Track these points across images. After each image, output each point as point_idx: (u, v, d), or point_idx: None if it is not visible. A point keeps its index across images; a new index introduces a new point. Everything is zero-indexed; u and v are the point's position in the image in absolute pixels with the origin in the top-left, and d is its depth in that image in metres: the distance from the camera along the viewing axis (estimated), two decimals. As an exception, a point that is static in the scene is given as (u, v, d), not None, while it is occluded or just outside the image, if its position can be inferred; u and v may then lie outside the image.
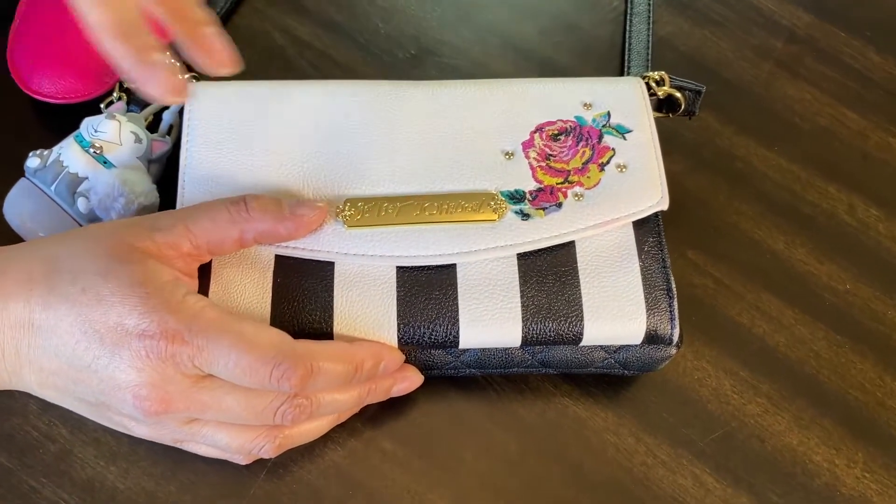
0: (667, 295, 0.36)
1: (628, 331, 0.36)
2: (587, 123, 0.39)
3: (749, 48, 0.50)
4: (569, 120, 0.39)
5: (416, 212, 0.36)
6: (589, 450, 0.38)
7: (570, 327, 0.35)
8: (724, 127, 0.47)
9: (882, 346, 0.42)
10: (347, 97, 0.39)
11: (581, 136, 0.39)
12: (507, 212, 0.36)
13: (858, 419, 0.40)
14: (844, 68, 0.50)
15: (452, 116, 0.39)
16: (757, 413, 0.40)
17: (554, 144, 0.38)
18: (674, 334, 0.36)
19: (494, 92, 0.40)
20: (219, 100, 0.38)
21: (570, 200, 0.37)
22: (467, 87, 0.40)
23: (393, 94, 0.39)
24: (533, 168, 0.38)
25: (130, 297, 0.30)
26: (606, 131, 0.39)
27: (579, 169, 0.38)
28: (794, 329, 0.42)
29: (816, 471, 0.39)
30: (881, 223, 0.45)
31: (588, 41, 0.49)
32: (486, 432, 0.38)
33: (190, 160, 0.37)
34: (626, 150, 0.38)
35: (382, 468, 0.37)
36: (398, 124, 0.38)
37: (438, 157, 0.38)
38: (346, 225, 0.36)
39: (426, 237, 0.36)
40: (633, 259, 0.37)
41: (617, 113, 0.39)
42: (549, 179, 0.37)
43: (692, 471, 0.38)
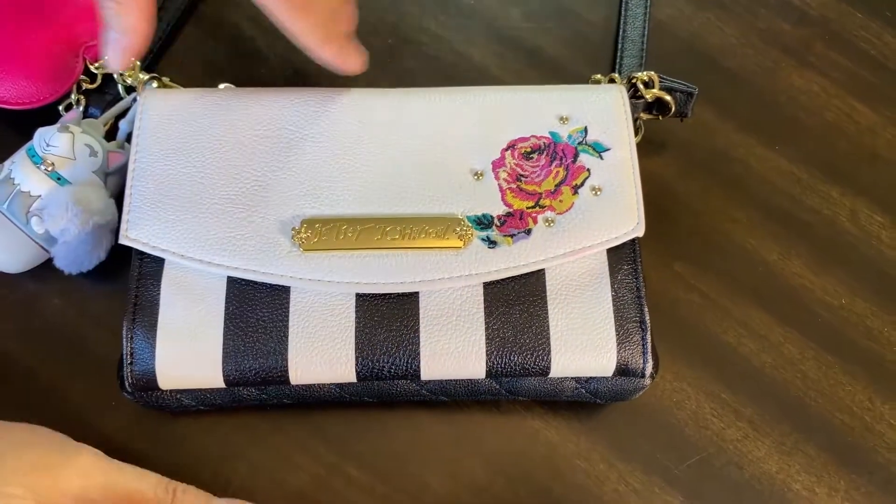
0: (640, 327, 0.34)
1: (598, 364, 0.34)
2: (562, 140, 0.37)
3: (755, 33, 0.46)
4: (543, 136, 0.37)
5: (378, 236, 0.34)
6: (558, 476, 0.37)
7: (536, 361, 0.34)
8: (722, 123, 0.44)
9: (875, 366, 0.40)
10: (306, 107, 0.37)
11: (555, 155, 0.36)
12: (474, 238, 0.34)
13: (843, 444, 0.39)
14: (858, 55, 0.46)
15: (420, 131, 0.37)
16: (737, 438, 0.38)
17: (526, 164, 0.36)
18: (646, 368, 0.35)
19: (466, 103, 0.37)
20: (171, 108, 0.37)
21: (540, 227, 0.35)
22: (437, 98, 0.37)
23: (356, 105, 0.37)
24: (503, 190, 0.35)
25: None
26: (582, 149, 0.37)
27: (551, 192, 0.36)
28: (782, 348, 0.40)
29: (794, 499, 0.38)
30: (884, 231, 0.43)
31: (579, 27, 0.46)
32: (453, 457, 0.37)
33: (138, 172, 0.35)
34: (602, 172, 0.36)
35: (346, 494, 0.37)
36: (361, 139, 0.36)
37: (403, 175, 0.36)
38: (302, 248, 0.34)
39: (387, 263, 0.34)
40: (605, 288, 0.35)
41: (595, 128, 0.37)
42: (519, 203, 0.35)
43: (664, 499, 0.37)
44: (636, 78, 0.39)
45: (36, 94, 0.39)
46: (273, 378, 0.34)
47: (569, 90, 0.38)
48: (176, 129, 0.36)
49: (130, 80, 0.40)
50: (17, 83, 0.39)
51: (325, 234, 0.34)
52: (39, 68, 0.39)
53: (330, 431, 0.37)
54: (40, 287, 0.39)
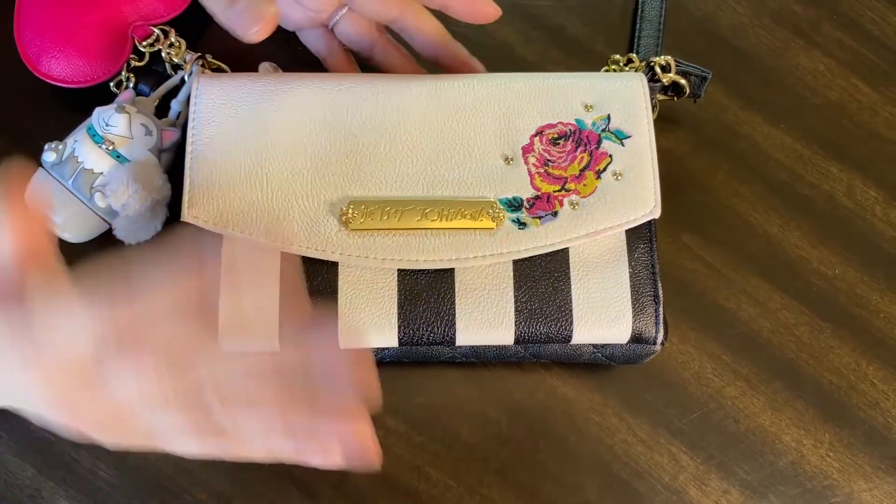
0: (653, 301, 0.38)
1: (615, 333, 0.38)
2: (587, 127, 0.40)
3: (767, 13, 0.49)
4: (569, 123, 0.40)
5: (418, 217, 0.38)
6: (574, 427, 0.42)
7: (560, 330, 0.38)
8: (730, 101, 0.47)
9: (862, 331, 0.44)
10: (351, 94, 0.39)
11: (580, 141, 0.39)
12: (505, 220, 0.38)
13: (830, 401, 0.43)
14: (863, 35, 0.49)
15: (455, 116, 0.39)
16: (734, 395, 0.43)
17: (553, 149, 0.39)
18: (658, 336, 0.38)
19: (498, 88, 0.40)
20: (223, 93, 0.39)
21: (565, 209, 0.38)
22: (470, 85, 0.40)
23: (397, 91, 0.40)
24: (531, 174, 0.39)
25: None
26: (605, 136, 0.39)
27: (576, 176, 0.39)
28: (779, 314, 0.44)
29: (784, 450, 0.42)
30: (878, 205, 0.46)
31: (599, 6, 0.48)
32: (480, 410, 0.42)
33: (195, 155, 0.38)
34: (623, 157, 0.39)
35: (386, 443, 0.41)
36: (402, 126, 0.39)
37: (440, 160, 0.39)
38: (349, 227, 0.37)
39: (427, 242, 0.38)
40: (623, 265, 0.38)
41: (617, 115, 0.40)
42: (547, 187, 0.38)
43: (668, 448, 0.42)
44: (654, 62, 0.42)
45: (91, 73, 0.42)
46: None
47: (593, 78, 0.41)
48: (229, 114, 0.39)
49: (177, 59, 0.42)
50: (73, 62, 0.41)
51: (370, 215, 0.37)
52: (94, 48, 0.41)
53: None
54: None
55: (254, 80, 0.40)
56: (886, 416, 0.43)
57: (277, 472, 0.40)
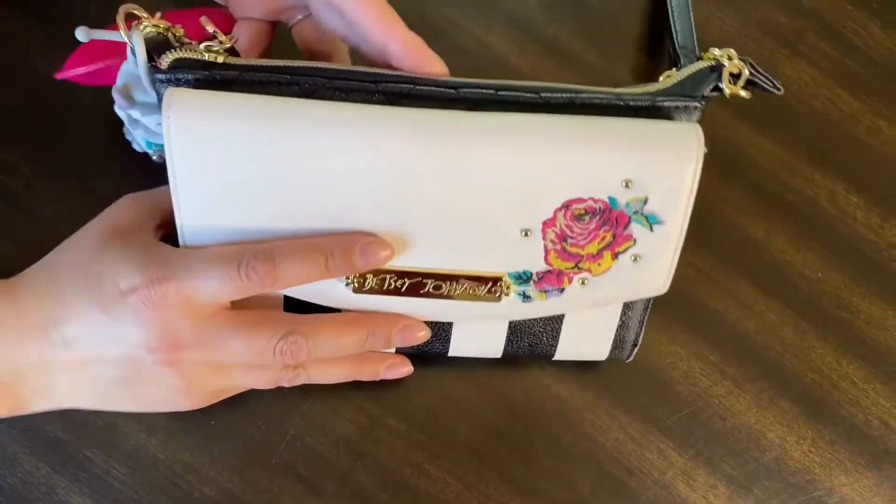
0: (633, 345, 0.41)
1: (592, 356, 0.42)
2: (618, 207, 0.35)
3: (753, 24, 0.50)
4: (601, 199, 0.35)
5: (423, 289, 0.37)
6: (568, 426, 0.43)
7: (543, 352, 0.41)
8: (721, 110, 0.49)
9: (844, 332, 0.46)
10: (358, 141, 0.33)
11: (607, 220, 0.35)
12: (511, 294, 0.37)
13: (812, 400, 0.45)
14: (845, 45, 0.50)
15: (474, 182, 0.34)
16: (721, 394, 0.44)
17: (576, 225, 0.35)
18: (628, 357, 0.42)
19: (530, 151, 0.34)
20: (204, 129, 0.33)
21: (574, 286, 0.37)
22: (498, 143, 0.34)
23: (413, 142, 0.33)
24: (547, 251, 0.36)
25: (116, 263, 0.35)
26: (636, 219, 0.35)
27: (593, 255, 0.36)
28: (764, 316, 0.46)
29: (768, 446, 0.44)
30: (859, 210, 0.48)
31: (592, 17, 0.50)
32: (477, 409, 0.43)
33: (182, 191, 0.34)
34: (647, 242, 0.36)
35: (387, 441, 0.43)
36: (414, 186, 0.34)
37: (452, 233, 0.35)
38: (353, 291, 0.37)
39: (430, 306, 0.37)
40: (615, 316, 0.40)
41: (656, 198, 0.35)
42: (560, 264, 0.36)
43: (658, 445, 0.44)
44: (724, 68, 0.37)
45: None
46: None
47: (642, 144, 0.34)
48: (213, 160, 0.33)
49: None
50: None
51: (375, 283, 0.36)
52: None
53: (371, 388, 0.43)
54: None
55: (237, 107, 0.33)
56: (866, 414, 0.45)
57: (283, 469, 0.42)
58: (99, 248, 0.36)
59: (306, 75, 0.34)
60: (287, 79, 0.34)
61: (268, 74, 0.34)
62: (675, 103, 0.36)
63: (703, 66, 0.37)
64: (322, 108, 0.33)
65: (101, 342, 0.35)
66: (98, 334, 0.34)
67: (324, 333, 0.36)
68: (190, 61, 0.34)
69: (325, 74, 0.34)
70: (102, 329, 0.34)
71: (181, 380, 0.36)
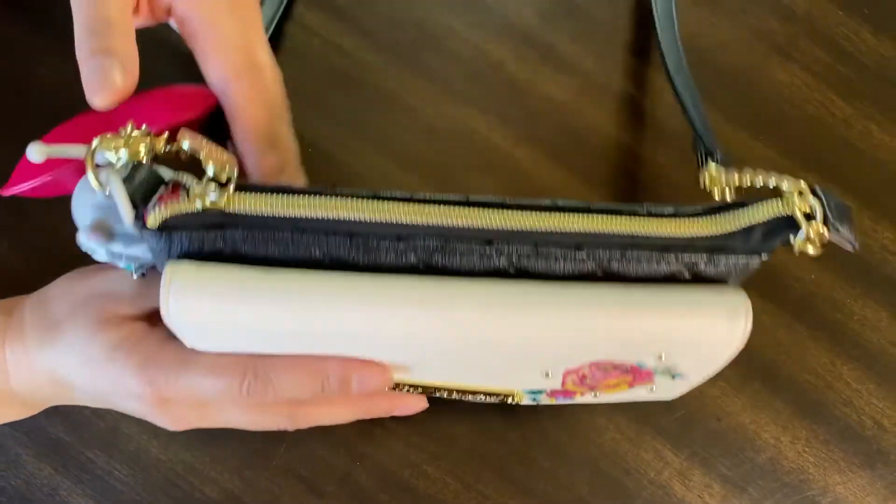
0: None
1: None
2: (645, 368, 0.34)
3: (746, 29, 0.51)
4: (629, 363, 0.33)
5: (435, 394, 0.38)
6: (565, 426, 0.44)
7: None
8: (714, 115, 0.49)
9: (838, 333, 0.46)
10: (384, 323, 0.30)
11: (630, 371, 0.34)
12: (524, 399, 0.38)
13: (807, 400, 0.45)
14: (837, 51, 0.51)
15: (503, 347, 0.32)
16: (716, 395, 0.45)
17: (598, 373, 0.34)
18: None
19: (564, 326, 0.31)
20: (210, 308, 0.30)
21: (585, 396, 0.37)
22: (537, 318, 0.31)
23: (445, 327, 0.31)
24: (564, 382, 0.35)
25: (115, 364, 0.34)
26: (660, 376, 0.35)
27: (610, 385, 0.35)
28: (759, 317, 0.45)
29: (763, 446, 0.44)
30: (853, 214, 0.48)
31: (587, 24, 0.50)
32: (476, 411, 0.44)
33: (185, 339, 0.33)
34: (664, 384, 0.35)
35: (386, 443, 0.43)
36: (436, 347, 0.32)
37: (473, 371, 0.34)
38: None
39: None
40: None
41: (684, 366, 0.34)
42: (575, 388, 0.36)
43: (654, 446, 0.44)
44: (793, 206, 0.31)
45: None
46: None
47: (683, 328, 0.31)
48: (218, 333, 0.32)
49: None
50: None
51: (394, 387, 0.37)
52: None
53: (371, 390, 0.43)
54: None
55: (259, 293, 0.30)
56: (860, 414, 0.45)
57: (284, 470, 0.42)
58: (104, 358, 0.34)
59: (321, 232, 0.30)
60: (298, 236, 0.30)
61: (276, 233, 0.30)
62: (736, 260, 0.32)
63: (778, 213, 0.31)
64: (340, 286, 0.30)
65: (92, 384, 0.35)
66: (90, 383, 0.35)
67: (283, 377, 0.33)
68: (182, 220, 0.29)
69: (344, 229, 0.30)
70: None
71: (170, 420, 0.36)
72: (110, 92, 0.32)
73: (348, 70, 0.48)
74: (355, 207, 0.30)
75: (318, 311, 0.30)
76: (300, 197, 0.29)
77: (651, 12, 0.46)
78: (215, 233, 0.29)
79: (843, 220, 0.31)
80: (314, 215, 0.29)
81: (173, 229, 0.29)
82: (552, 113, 0.48)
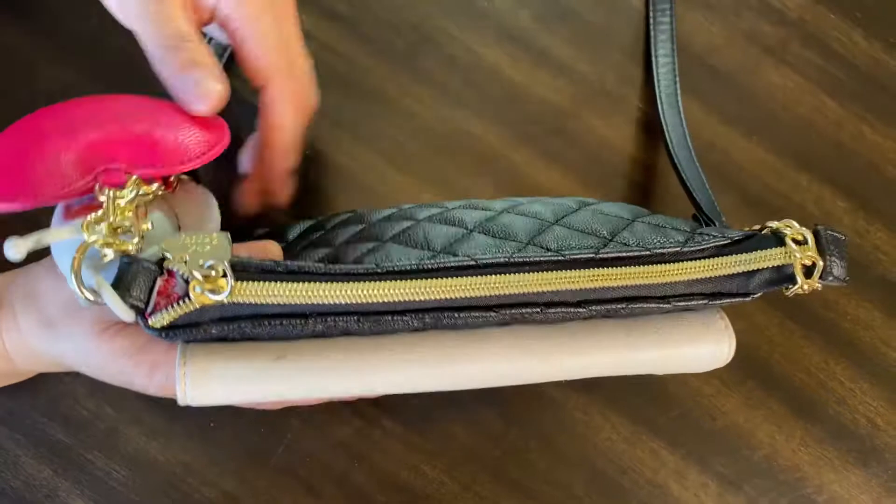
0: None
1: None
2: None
3: (739, 32, 0.52)
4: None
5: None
6: (562, 427, 0.44)
7: None
8: (707, 116, 0.50)
9: (831, 333, 0.47)
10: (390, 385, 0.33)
11: None
12: None
13: (800, 399, 0.46)
14: (829, 53, 0.52)
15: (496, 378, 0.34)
16: (711, 394, 0.45)
17: None
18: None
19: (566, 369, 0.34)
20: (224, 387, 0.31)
21: None
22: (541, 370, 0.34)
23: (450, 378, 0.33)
24: None
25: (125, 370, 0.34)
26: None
27: None
28: (752, 317, 0.47)
29: (758, 445, 0.45)
30: (846, 215, 0.49)
31: (582, 28, 0.51)
32: (474, 411, 0.44)
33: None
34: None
35: (384, 443, 0.43)
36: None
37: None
38: None
39: None
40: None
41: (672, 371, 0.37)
42: None
43: (650, 445, 0.44)
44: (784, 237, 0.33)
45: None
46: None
47: (673, 353, 0.34)
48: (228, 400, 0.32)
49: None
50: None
51: None
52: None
53: (368, 391, 0.43)
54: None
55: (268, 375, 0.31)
56: (853, 413, 0.45)
57: (282, 471, 0.42)
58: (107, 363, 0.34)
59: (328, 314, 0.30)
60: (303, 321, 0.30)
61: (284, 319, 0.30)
62: (730, 300, 0.34)
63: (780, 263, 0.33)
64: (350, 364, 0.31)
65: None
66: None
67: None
68: (187, 318, 0.29)
69: (352, 310, 0.30)
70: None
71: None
72: (211, 99, 0.34)
73: (346, 74, 0.48)
74: (361, 292, 0.29)
75: (334, 385, 0.31)
76: (304, 283, 0.29)
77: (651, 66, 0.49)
78: (222, 325, 0.29)
79: (838, 262, 0.32)
80: (321, 303, 0.29)
81: (178, 327, 0.29)
82: (547, 115, 0.49)
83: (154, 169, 0.31)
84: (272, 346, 0.31)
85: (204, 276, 0.28)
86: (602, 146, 0.49)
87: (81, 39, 0.47)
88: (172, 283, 0.28)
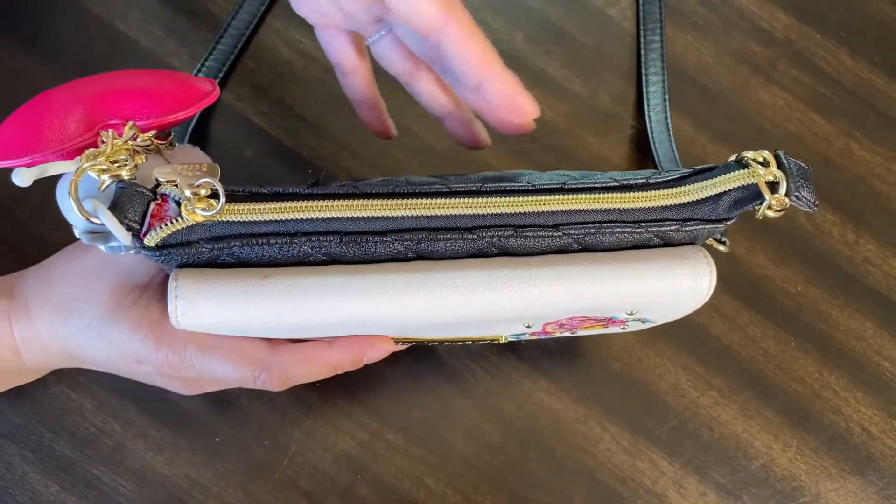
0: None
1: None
2: (618, 318, 0.37)
3: (728, 53, 0.53)
4: (603, 315, 0.36)
5: (428, 343, 0.39)
6: (561, 438, 0.45)
7: None
8: (698, 134, 0.51)
9: (823, 343, 0.48)
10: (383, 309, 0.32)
11: (604, 321, 0.37)
12: (508, 339, 0.40)
13: (796, 409, 0.46)
14: (816, 72, 0.53)
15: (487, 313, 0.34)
16: (708, 404, 0.46)
17: (575, 321, 0.36)
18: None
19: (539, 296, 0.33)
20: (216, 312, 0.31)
21: (564, 334, 0.39)
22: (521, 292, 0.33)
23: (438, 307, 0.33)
24: (545, 328, 0.37)
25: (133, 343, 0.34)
26: (632, 322, 0.38)
27: (587, 327, 0.38)
28: (747, 329, 0.48)
29: (755, 454, 0.45)
30: (835, 228, 0.50)
31: (575, 49, 0.52)
32: (473, 423, 0.45)
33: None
34: (635, 326, 0.39)
35: (386, 455, 0.44)
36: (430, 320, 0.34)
37: (460, 329, 0.36)
38: None
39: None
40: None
41: (655, 316, 0.37)
42: (554, 331, 0.38)
43: (649, 455, 0.45)
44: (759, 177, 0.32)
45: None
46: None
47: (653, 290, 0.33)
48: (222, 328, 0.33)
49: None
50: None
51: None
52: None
53: (370, 403, 0.44)
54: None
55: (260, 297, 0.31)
56: (848, 422, 0.46)
57: (286, 484, 0.43)
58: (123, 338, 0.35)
59: (312, 234, 0.31)
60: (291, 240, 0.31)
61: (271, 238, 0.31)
62: (703, 226, 0.34)
63: (744, 182, 0.33)
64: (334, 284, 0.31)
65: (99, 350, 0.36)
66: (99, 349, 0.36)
67: (299, 372, 0.36)
68: (179, 236, 0.30)
69: (335, 228, 0.31)
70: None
71: (185, 389, 0.38)
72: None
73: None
74: (342, 207, 0.31)
75: (317, 308, 0.31)
76: (289, 202, 0.31)
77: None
78: (212, 244, 0.31)
79: (805, 185, 0.33)
80: (305, 217, 0.31)
81: (172, 246, 0.30)
82: (543, 133, 0.50)
83: (147, 121, 0.33)
84: (260, 270, 0.32)
85: (194, 195, 0.29)
86: (596, 163, 0.50)
87: (87, 64, 0.48)
88: (165, 207, 0.30)
